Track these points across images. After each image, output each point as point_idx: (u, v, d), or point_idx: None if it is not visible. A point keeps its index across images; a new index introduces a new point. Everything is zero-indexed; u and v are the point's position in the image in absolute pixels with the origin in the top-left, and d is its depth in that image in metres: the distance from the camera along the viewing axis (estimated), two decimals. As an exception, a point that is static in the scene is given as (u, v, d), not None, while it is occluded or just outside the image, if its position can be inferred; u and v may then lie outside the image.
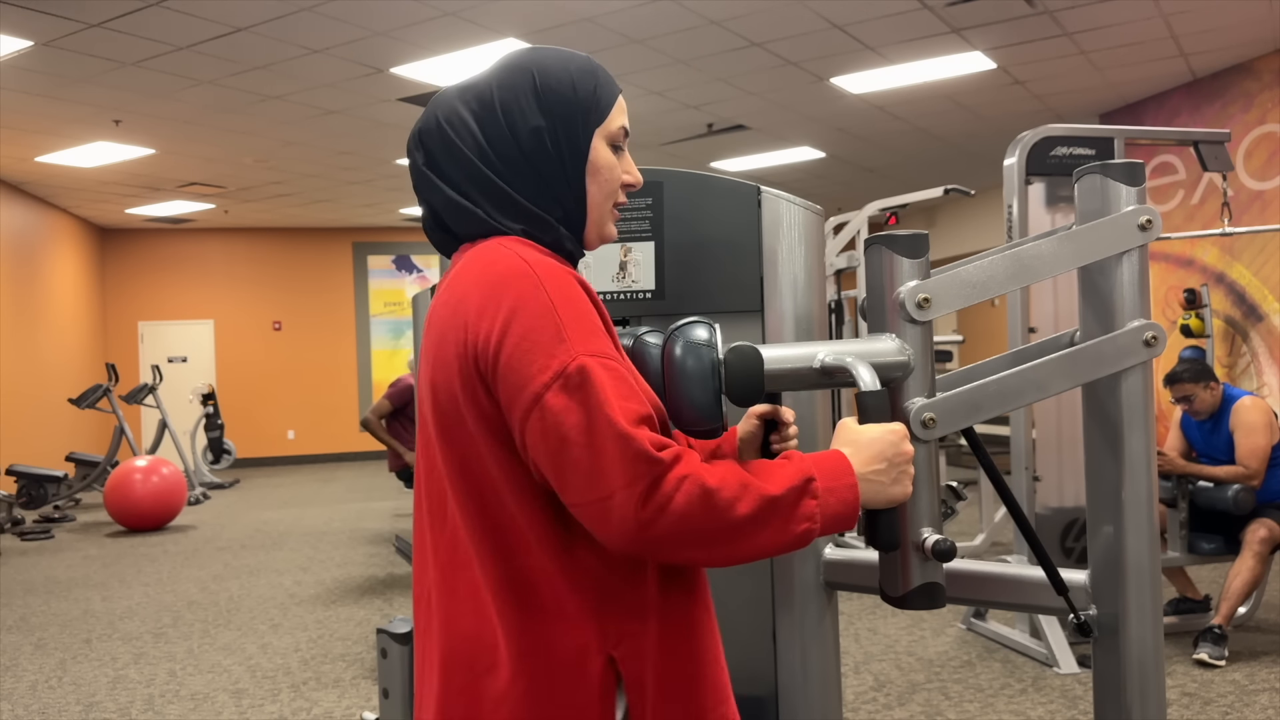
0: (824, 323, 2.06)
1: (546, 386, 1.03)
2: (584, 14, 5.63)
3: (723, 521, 1.03)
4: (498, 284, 1.09)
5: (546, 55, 1.21)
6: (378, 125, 7.99)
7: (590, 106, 1.19)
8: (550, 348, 1.04)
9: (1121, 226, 1.40)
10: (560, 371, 1.03)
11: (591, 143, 1.19)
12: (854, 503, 1.10)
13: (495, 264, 1.11)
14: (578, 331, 1.05)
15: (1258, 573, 4.13)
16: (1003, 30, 6.15)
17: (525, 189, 1.17)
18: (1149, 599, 1.41)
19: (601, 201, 1.22)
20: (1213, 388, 4.36)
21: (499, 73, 1.20)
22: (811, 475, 1.08)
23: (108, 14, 5.41)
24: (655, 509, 1.01)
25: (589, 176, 1.20)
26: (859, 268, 6.13)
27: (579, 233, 1.22)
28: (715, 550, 1.05)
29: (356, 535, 7.78)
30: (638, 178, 1.26)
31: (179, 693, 4.12)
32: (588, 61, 1.22)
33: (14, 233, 9.88)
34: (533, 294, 1.06)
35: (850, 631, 4.71)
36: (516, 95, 1.18)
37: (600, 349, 1.05)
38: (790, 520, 1.06)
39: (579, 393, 1.02)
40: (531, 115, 1.17)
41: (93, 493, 10.23)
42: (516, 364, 1.04)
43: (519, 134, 1.17)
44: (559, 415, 1.02)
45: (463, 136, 1.17)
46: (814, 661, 1.94)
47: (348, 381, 13.80)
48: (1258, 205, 6.88)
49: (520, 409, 1.05)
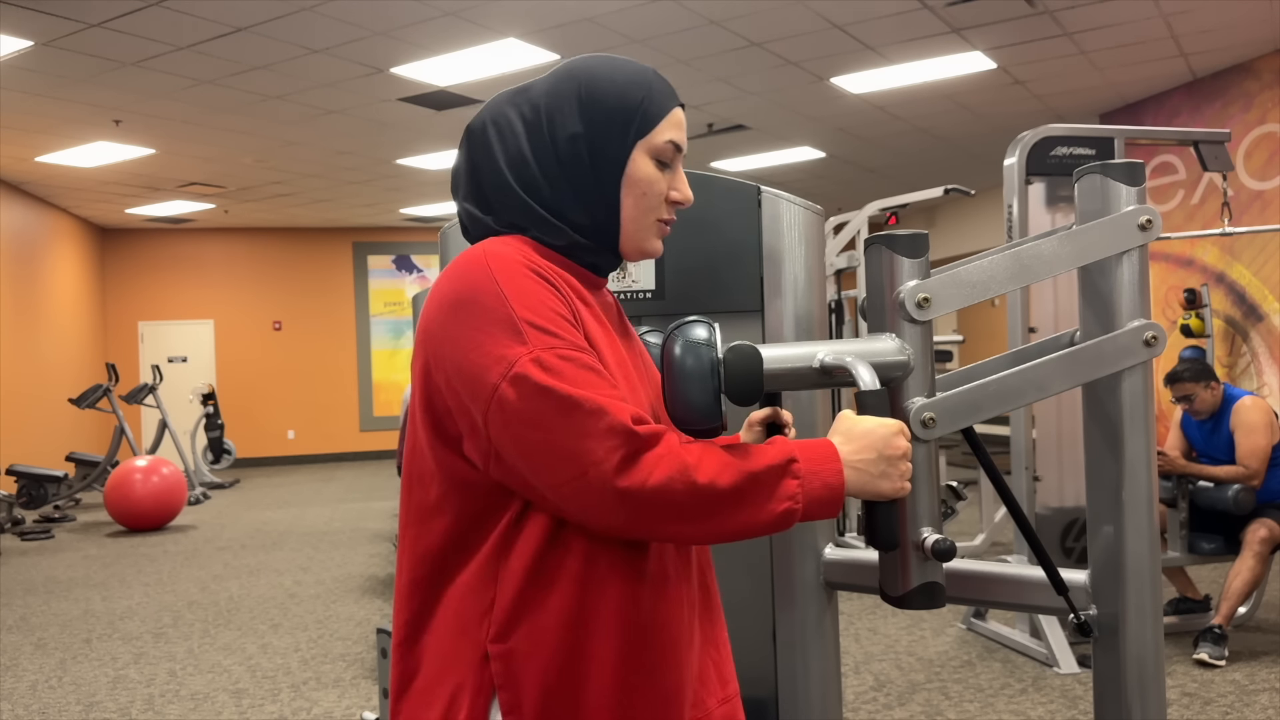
0: (824, 322, 2.05)
1: (502, 377, 1.03)
2: (584, 14, 5.63)
3: (702, 496, 1.04)
4: (454, 279, 1.10)
5: (600, 64, 1.19)
6: (378, 125, 7.99)
7: (634, 117, 1.17)
8: (502, 341, 1.04)
9: (1121, 226, 1.40)
10: (512, 363, 1.03)
11: (631, 154, 1.17)
12: (838, 487, 1.10)
13: (458, 262, 1.12)
14: (531, 325, 1.05)
15: (1258, 573, 4.13)
16: (1003, 30, 6.15)
17: (554, 196, 1.16)
18: (1149, 599, 1.41)
19: (638, 215, 1.19)
20: (1213, 387, 4.36)
21: (551, 79, 1.20)
22: (794, 456, 1.08)
23: (108, 14, 5.41)
24: (636, 481, 1.02)
25: (624, 188, 1.17)
26: (859, 268, 6.13)
27: (611, 244, 1.20)
28: (696, 525, 1.05)
29: (356, 535, 7.78)
30: (687, 195, 1.22)
31: (179, 693, 4.12)
32: (643, 73, 1.19)
33: (14, 233, 9.88)
34: (485, 288, 1.07)
35: (850, 631, 4.71)
36: (561, 102, 1.17)
37: (554, 343, 1.05)
38: (770, 499, 1.06)
39: (532, 382, 1.02)
40: (571, 122, 1.16)
41: (93, 493, 10.23)
42: (468, 361, 1.05)
43: (558, 141, 1.16)
44: (522, 403, 1.03)
45: (505, 139, 1.18)
46: (814, 661, 1.94)
47: (348, 381, 13.80)
48: (1258, 205, 6.88)
49: (479, 404, 1.05)
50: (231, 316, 13.35)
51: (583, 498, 1.03)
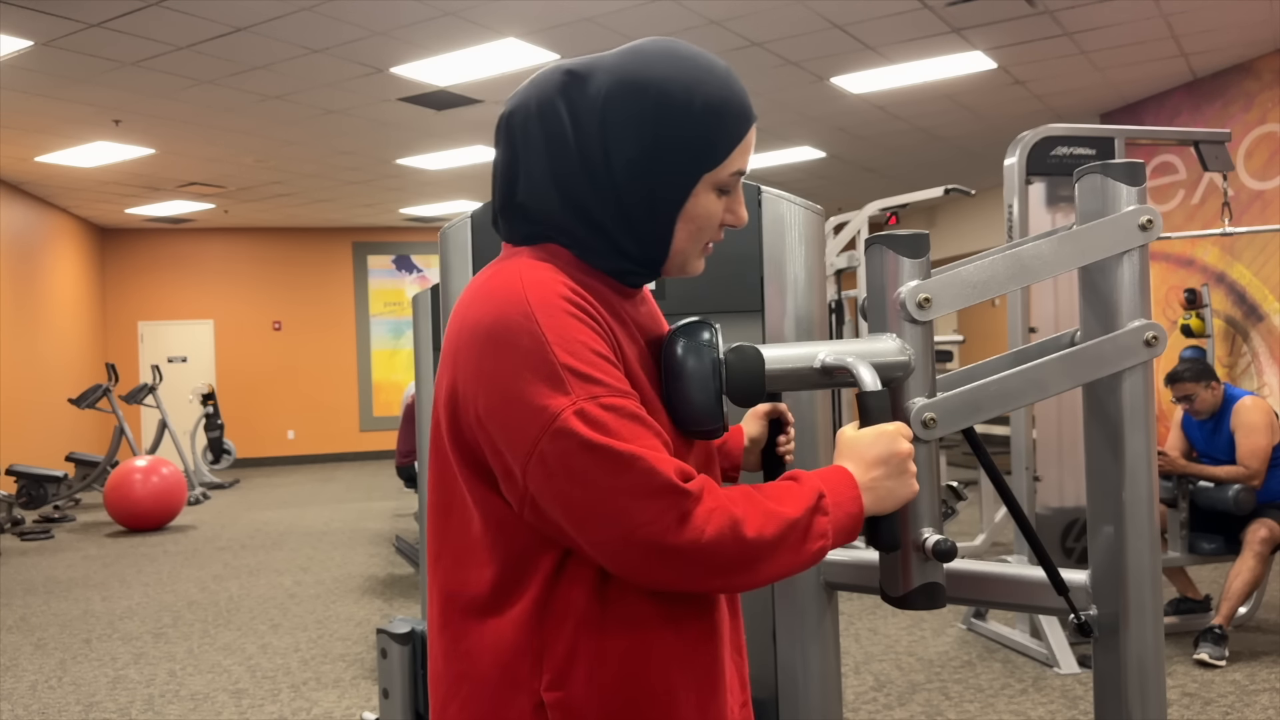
0: (824, 323, 2.05)
1: (543, 431, 0.97)
2: (584, 14, 5.63)
3: (750, 549, 1.01)
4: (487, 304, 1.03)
5: (675, 71, 1.06)
6: (378, 125, 7.98)
7: (705, 151, 1.06)
8: (542, 391, 0.98)
9: (1122, 226, 1.40)
10: (554, 416, 0.97)
11: (694, 189, 1.08)
12: (859, 515, 1.09)
13: (492, 283, 1.06)
14: (572, 372, 0.99)
15: (1258, 573, 4.13)
16: (1003, 30, 6.15)
17: (600, 219, 1.08)
18: (1149, 599, 1.41)
19: (688, 245, 1.12)
20: (1214, 387, 4.36)
21: (615, 76, 1.06)
22: (822, 491, 1.07)
23: (108, 14, 5.41)
24: (687, 540, 0.98)
25: (680, 221, 1.09)
26: (859, 268, 6.13)
27: (654, 267, 1.13)
28: (739, 577, 1.02)
29: (356, 535, 7.77)
30: (741, 218, 1.14)
31: (179, 693, 4.11)
32: (720, 90, 1.07)
33: (14, 233, 9.88)
34: (521, 326, 1.00)
35: (850, 631, 4.71)
36: (624, 116, 1.05)
37: (597, 391, 0.99)
38: (806, 540, 1.04)
39: (577, 438, 0.97)
40: (630, 145, 1.05)
41: (93, 493, 10.23)
42: (504, 410, 1.00)
43: (613, 162, 1.06)
44: (565, 459, 0.97)
45: (551, 140, 1.07)
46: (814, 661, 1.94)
47: (348, 381, 13.80)
48: (1258, 205, 6.88)
49: (516, 456, 1.00)
50: (231, 316, 13.35)
51: (628, 555, 0.99)
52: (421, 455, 2.77)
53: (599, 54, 1.11)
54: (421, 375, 2.73)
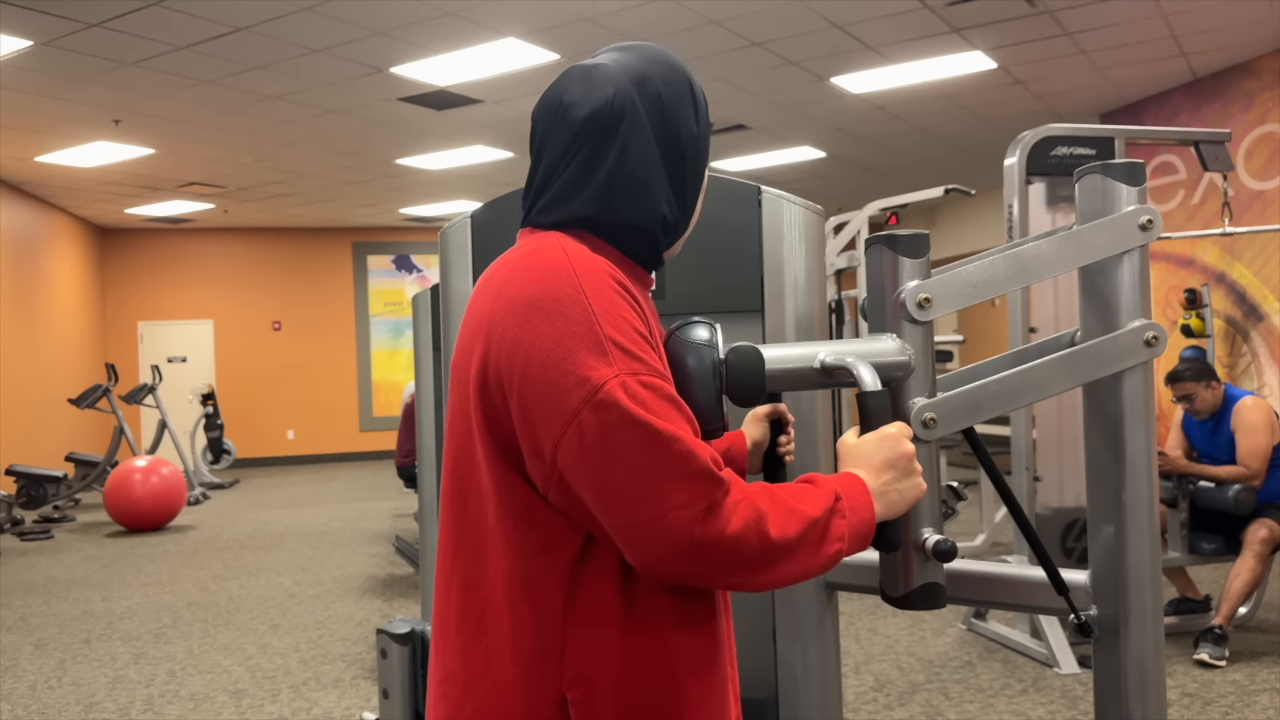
0: (824, 323, 2.05)
1: (584, 402, 0.96)
2: (584, 14, 5.63)
3: (771, 546, 1.00)
4: (533, 277, 1.03)
5: (678, 65, 1.19)
6: (378, 125, 7.98)
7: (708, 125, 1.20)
8: (586, 360, 0.97)
9: (1122, 226, 1.40)
10: (597, 386, 0.96)
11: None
12: (872, 522, 1.09)
13: (534, 259, 1.05)
14: (617, 346, 0.98)
15: (1258, 573, 4.13)
16: (1003, 30, 6.15)
17: (671, 196, 1.15)
18: (1149, 599, 1.41)
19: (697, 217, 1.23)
20: (1214, 387, 4.36)
21: (661, 68, 1.16)
22: (839, 494, 1.07)
23: (108, 14, 5.41)
24: (714, 531, 0.97)
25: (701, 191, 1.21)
26: (859, 268, 6.13)
27: (671, 243, 1.19)
28: (758, 575, 1.01)
29: (356, 535, 7.77)
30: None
31: (179, 693, 4.11)
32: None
33: (14, 233, 9.88)
34: (570, 296, 1.00)
35: (850, 631, 4.70)
36: (682, 97, 1.16)
37: (638, 368, 0.99)
38: (824, 541, 1.04)
39: (620, 410, 0.95)
40: (689, 122, 1.16)
41: (92, 493, 10.23)
42: (544, 378, 0.98)
43: (682, 137, 1.15)
44: (604, 433, 0.96)
45: (637, 131, 1.12)
46: (814, 662, 1.94)
47: (347, 381, 13.80)
48: (1258, 205, 6.88)
49: (551, 426, 0.98)
50: (231, 316, 13.35)
51: (654, 541, 0.97)
52: (423, 452, 2.77)
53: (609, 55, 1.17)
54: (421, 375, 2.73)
